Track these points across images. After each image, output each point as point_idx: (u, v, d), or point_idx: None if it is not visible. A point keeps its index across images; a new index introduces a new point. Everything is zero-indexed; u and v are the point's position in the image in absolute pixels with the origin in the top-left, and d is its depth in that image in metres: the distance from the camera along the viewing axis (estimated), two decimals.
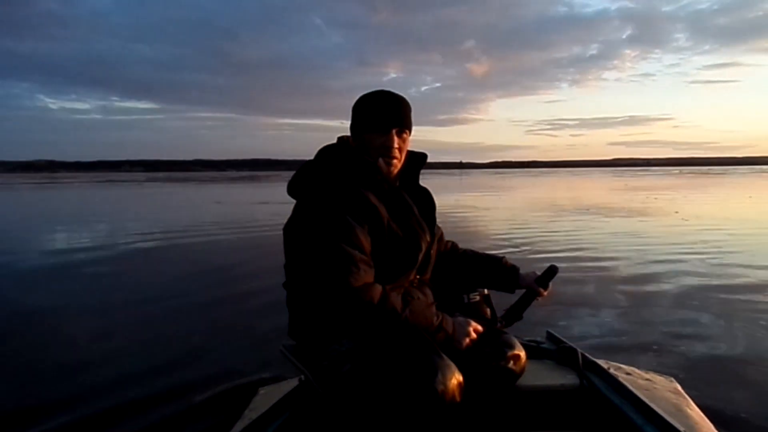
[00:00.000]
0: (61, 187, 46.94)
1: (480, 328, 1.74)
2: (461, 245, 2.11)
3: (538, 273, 2.02)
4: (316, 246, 1.58)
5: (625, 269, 6.28)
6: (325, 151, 1.77)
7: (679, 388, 1.99)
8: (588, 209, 15.17)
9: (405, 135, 1.76)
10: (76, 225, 13.41)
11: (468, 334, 1.69)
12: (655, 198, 20.10)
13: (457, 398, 1.49)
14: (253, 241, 9.38)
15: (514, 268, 2.03)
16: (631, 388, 1.77)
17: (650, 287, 5.36)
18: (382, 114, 1.72)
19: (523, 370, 1.80)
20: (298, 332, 1.76)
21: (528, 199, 21.64)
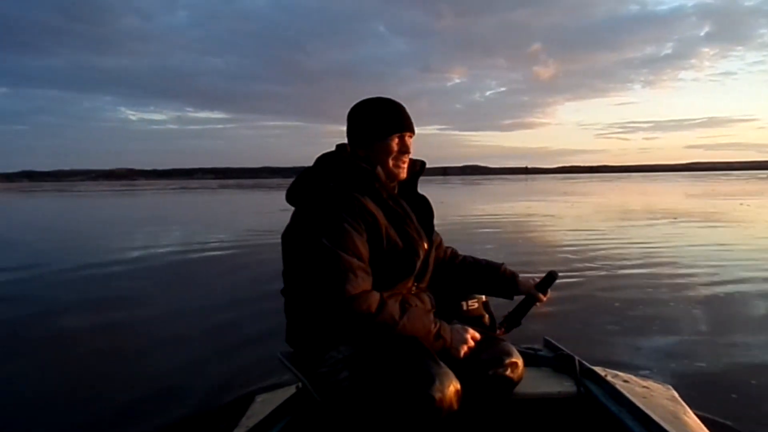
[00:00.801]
0: (141, 193, 48.22)
1: (478, 335, 1.74)
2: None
3: (537, 279, 2.03)
4: (313, 253, 1.57)
5: (713, 286, 5.45)
6: (324, 159, 1.77)
7: (677, 395, 1.98)
8: (675, 217, 13.73)
9: (411, 140, 1.77)
10: (161, 229, 13.85)
11: (466, 342, 1.69)
12: (745, 204, 18.12)
13: (455, 406, 1.48)
14: None
15: (513, 275, 2.04)
16: (628, 395, 1.77)
17: (741, 308, 4.65)
18: (398, 120, 1.73)
19: (520, 378, 1.80)
20: (295, 339, 1.76)
21: (601, 206, 19.68)
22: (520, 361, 1.80)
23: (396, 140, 1.74)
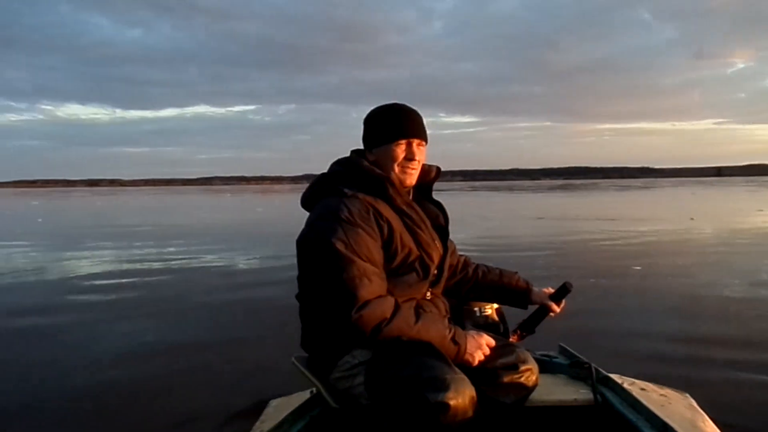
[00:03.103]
0: None
1: (492, 341, 1.73)
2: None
3: (552, 290, 2.02)
4: (328, 258, 1.57)
5: None
6: (339, 164, 1.79)
7: (694, 403, 1.94)
8: None
9: (422, 147, 1.77)
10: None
11: (480, 348, 1.68)
12: None
13: (470, 413, 1.48)
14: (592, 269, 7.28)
15: (527, 284, 2.03)
16: (646, 403, 1.74)
17: None
18: (404, 125, 1.73)
19: (535, 385, 1.79)
20: (310, 344, 1.77)
21: None
22: (535, 368, 1.79)
23: (402, 146, 1.73)
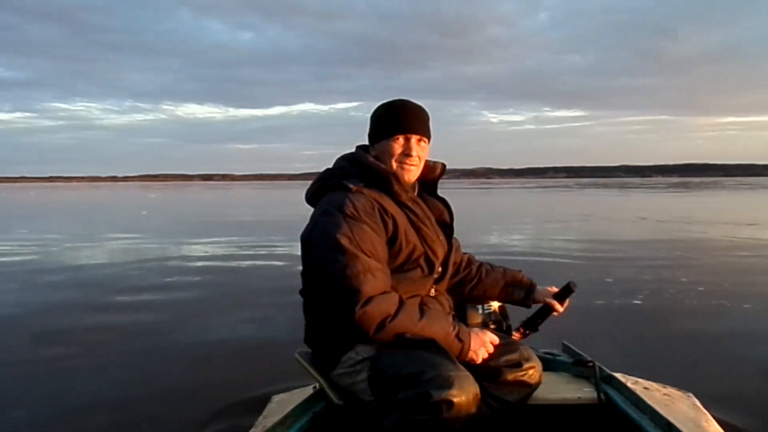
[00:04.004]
0: (496, 191, 50.30)
1: (496, 339, 1.72)
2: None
3: (556, 289, 2.02)
4: (332, 254, 1.57)
5: None
6: (344, 159, 1.79)
7: (698, 402, 1.93)
8: None
9: (424, 143, 1.76)
10: (515, 226, 14.22)
11: (484, 345, 1.68)
12: None
13: (473, 409, 1.47)
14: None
15: (530, 283, 2.03)
16: (649, 402, 1.74)
17: None
18: (402, 121, 1.72)
19: (539, 383, 1.79)
20: (313, 340, 1.77)
21: None
22: (538, 366, 1.79)
23: (399, 142, 1.72)
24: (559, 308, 1.99)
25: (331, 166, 1.80)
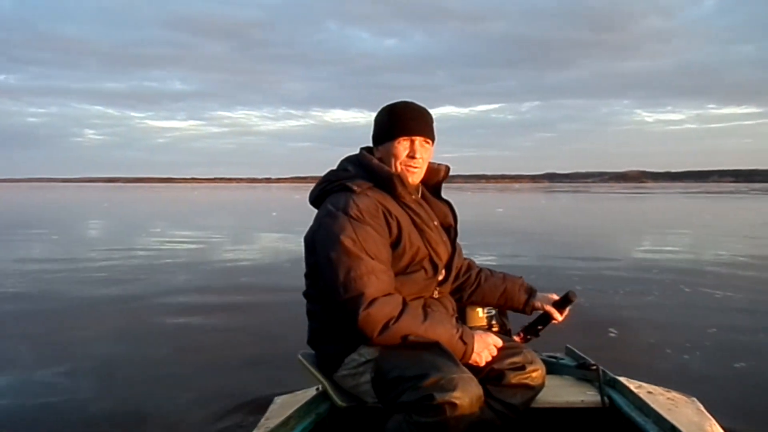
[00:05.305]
0: (649, 197, 46.74)
1: (500, 341, 1.73)
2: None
3: (557, 297, 2.00)
4: (335, 256, 1.58)
5: None
6: (348, 161, 1.80)
7: (702, 407, 1.91)
8: None
9: (427, 145, 1.76)
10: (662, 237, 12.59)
11: (488, 347, 1.68)
12: None
13: (476, 412, 1.48)
14: None
15: (531, 290, 2.02)
16: (653, 406, 1.74)
17: None
18: (405, 123, 1.72)
19: (542, 386, 1.80)
20: (316, 341, 1.77)
21: None
22: (541, 369, 1.79)
23: (404, 144, 1.72)
24: (558, 317, 1.98)
25: (335, 167, 1.81)
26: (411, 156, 1.72)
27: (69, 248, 10.10)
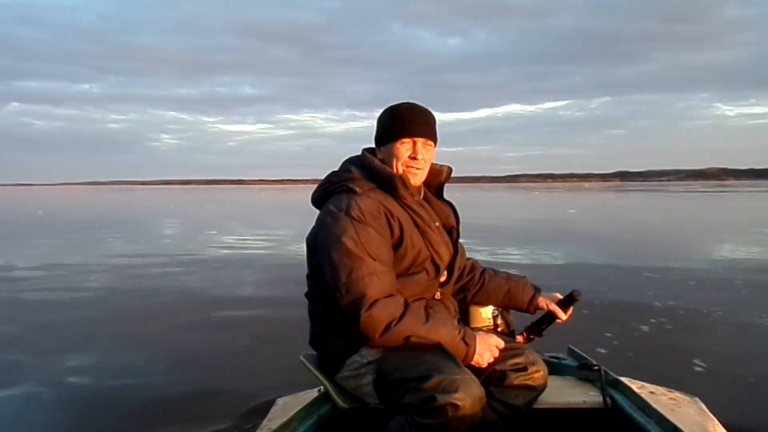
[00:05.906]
0: (730, 195, 44.22)
1: (502, 343, 1.72)
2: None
3: (561, 296, 2.00)
4: (337, 257, 1.58)
5: None
6: (350, 162, 1.80)
7: (704, 407, 1.92)
8: None
9: (429, 146, 1.76)
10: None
11: (490, 348, 1.68)
12: None
13: (478, 413, 1.48)
14: None
15: (535, 289, 2.02)
16: (655, 406, 1.74)
17: None
18: (408, 124, 1.72)
19: (544, 386, 1.80)
20: (318, 342, 1.77)
21: None
22: (544, 370, 1.79)
23: (406, 145, 1.72)
24: (563, 316, 1.98)
25: (337, 168, 1.80)
26: (413, 157, 1.72)
27: (151, 245, 10.98)
